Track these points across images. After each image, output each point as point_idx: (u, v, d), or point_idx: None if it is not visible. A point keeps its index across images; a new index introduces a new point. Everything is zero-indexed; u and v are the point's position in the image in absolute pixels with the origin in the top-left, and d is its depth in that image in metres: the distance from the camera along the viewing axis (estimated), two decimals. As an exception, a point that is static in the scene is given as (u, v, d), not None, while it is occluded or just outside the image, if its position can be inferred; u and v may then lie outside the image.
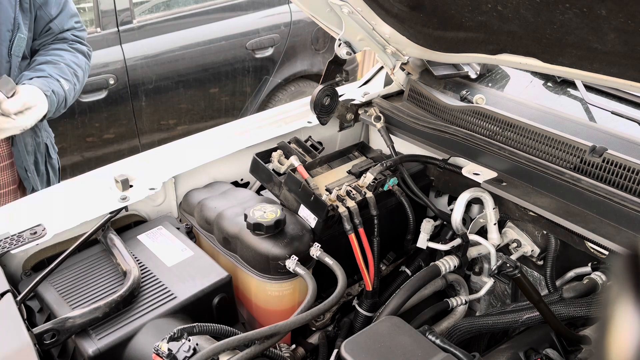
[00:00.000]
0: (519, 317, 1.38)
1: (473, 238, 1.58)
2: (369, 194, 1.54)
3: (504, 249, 1.70)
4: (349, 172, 1.67)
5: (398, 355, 1.10)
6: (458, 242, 1.56)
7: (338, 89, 1.86)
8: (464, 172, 1.60)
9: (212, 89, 3.78)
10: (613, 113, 1.64)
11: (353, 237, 1.48)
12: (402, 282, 1.59)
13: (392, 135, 1.86)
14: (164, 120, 3.68)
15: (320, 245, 1.42)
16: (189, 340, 1.05)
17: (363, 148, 1.80)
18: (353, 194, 1.52)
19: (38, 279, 1.29)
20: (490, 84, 1.90)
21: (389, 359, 1.09)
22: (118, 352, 1.17)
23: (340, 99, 1.88)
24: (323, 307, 1.24)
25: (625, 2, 1.00)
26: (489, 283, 1.61)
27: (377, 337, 1.15)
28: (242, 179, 1.85)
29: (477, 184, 1.57)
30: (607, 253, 1.40)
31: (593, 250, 1.44)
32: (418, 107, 1.90)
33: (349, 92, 2.06)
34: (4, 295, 1.21)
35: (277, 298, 1.45)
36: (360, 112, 1.94)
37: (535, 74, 1.91)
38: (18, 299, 1.22)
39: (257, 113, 2.12)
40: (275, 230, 1.40)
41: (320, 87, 1.78)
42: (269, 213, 1.41)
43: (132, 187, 1.57)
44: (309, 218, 1.50)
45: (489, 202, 1.59)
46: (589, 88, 1.76)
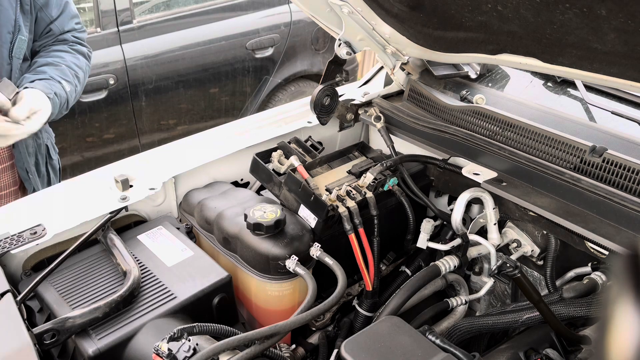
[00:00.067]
0: (519, 317, 1.38)
1: (473, 238, 1.58)
2: (369, 194, 1.54)
3: (504, 249, 1.70)
4: (349, 172, 1.67)
5: (398, 355, 1.10)
6: (458, 242, 1.56)
7: (338, 89, 1.86)
8: (464, 172, 1.60)
9: (212, 89, 3.78)
10: (613, 113, 1.64)
11: (353, 237, 1.48)
12: (402, 282, 1.59)
13: (392, 135, 1.86)
14: (164, 120, 3.68)
15: (320, 245, 1.42)
16: (189, 340, 1.05)
17: (363, 148, 1.80)
18: (353, 194, 1.52)
19: (38, 279, 1.29)
20: (490, 84, 1.90)
21: (389, 359, 1.09)
22: (118, 352, 1.17)
23: (340, 99, 1.88)
24: (323, 307, 1.24)
25: (625, 2, 1.00)
26: (489, 283, 1.61)
27: (377, 337, 1.15)
28: (242, 179, 1.85)
29: (477, 184, 1.57)
30: (607, 253, 1.40)
31: (593, 250, 1.44)
32: (418, 107, 1.89)
33: (349, 92, 2.06)
34: (4, 295, 1.21)
35: (277, 298, 1.45)
36: (360, 112, 1.94)
37: (535, 74, 1.91)
38: (18, 299, 1.22)
39: (257, 113, 2.11)
40: (275, 230, 1.40)
41: (320, 87, 1.78)
42: (269, 213, 1.41)
43: (132, 187, 1.57)
44: (309, 218, 1.50)
45: (489, 202, 1.59)
46: (589, 88, 1.76)
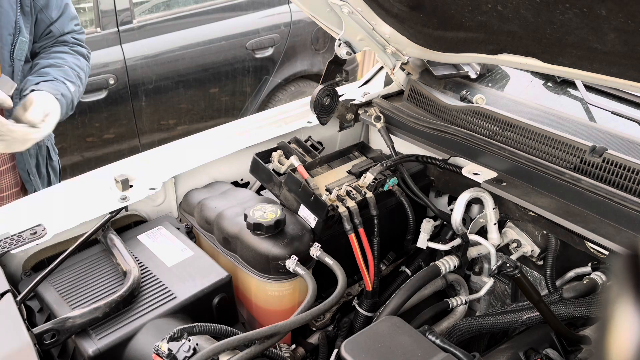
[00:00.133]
0: (519, 317, 1.38)
1: (473, 238, 1.58)
2: (369, 194, 1.54)
3: (504, 249, 1.70)
4: (349, 172, 1.67)
5: (398, 355, 1.10)
6: (458, 242, 1.56)
7: (338, 89, 1.86)
8: (464, 172, 1.60)
9: (212, 89, 3.78)
10: (613, 113, 1.64)
11: (353, 237, 1.48)
12: (402, 282, 1.59)
13: (392, 135, 1.86)
14: (164, 120, 3.68)
15: (320, 245, 1.42)
16: (189, 340, 1.05)
17: (363, 148, 1.80)
18: (353, 194, 1.52)
19: (38, 279, 1.29)
20: (490, 84, 1.90)
21: (389, 359, 1.09)
22: (118, 352, 1.17)
23: (340, 99, 1.88)
24: (323, 307, 1.24)
25: (625, 2, 1.00)
26: (489, 283, 1.61)
27: (377, 337, 1.15)
28: (242, 179, 1.85)
29: (477, 184, 1.57)
30: (607, 253, 1.40)
31: (593, 250, 1.44)
32: (418, 107, 1.89)
33: (349, 92, 2.06)
34: (4, 295, 1.21)
35: (277, 298, 1.45)
36: (360, 112, 1.94)
37: (535, 74, 1.91)
38: (18, 299, 1.22)
39: (257, 113, 2.11)
40: (275, 230, 1.40)
41: (320, 87, 1.78)
42: (269, 213, 1.41)
43: (132, 187, 1.57)
44: (309, 218, 1.50)
45: (489, 202, 1.59)
46: (589, 88, 1.76)
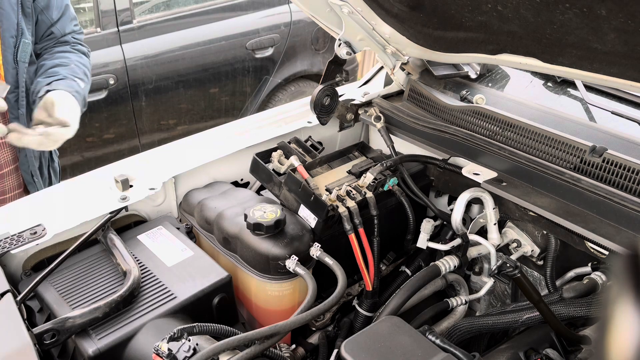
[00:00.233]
0: (519, 317, 1.38)
1: (473, 238, 1.58)
2: (369, 194, 1.54)
3: (504, 249, 1.70)
4: (349, 172, 1.67)
5: (398, 355, 1.10)
6: (458, 242, 1.56)
7: (338, 89, 1.86)
8: (464, 172, 1.60)
9: (212, 89, 3.78)
10: (613, 113, 1.64)
11: (353, 237, 1.48)
12: (402, 282, 1.59)
13: (392, 135, 1.86)
14: (164, 120, 3.68)
15: (320, 245, 1.42)
16: (189, 340, 1.05)
17: (363, 148, 1.80)
18: (353, 194, 1.52)
19: (38, 279, 1.29)
20: (490, 84, 1.90)
21: (389, 359, 1.09)
22: (118, 352, 1.17)
23: (340, 99, 1.88)
24: (323, 307, 1.24)
25: (625, 2, 1.00)
26: (489, 283, 1.61)
27: (377, 337, 1.15)
28: (242, 179, 1.85)
29: (477, 184, 1.57)
30: (607, 253, 1.40)
31: (593, 250, 1.44)
32: (418, 107, 1.89)
33: (349, 92, 2.06)
34: (4, 295, 1.21)
35: (277, 298, 1.45)
36: (360, 112, 1.94)
37: (535, 74, 1.91)
38: (18, 299, 1.22)
39: (257, 113, 2.11)
40: (275, 230, 1.40)
41: (320, 87, 1.78)
42: (269, 213, 1.41)
43: (132, 187, 1.57)
44: (309, 218, 1.50)
45: (489, 202, 1.59)
46: (589, 88, 1.76)
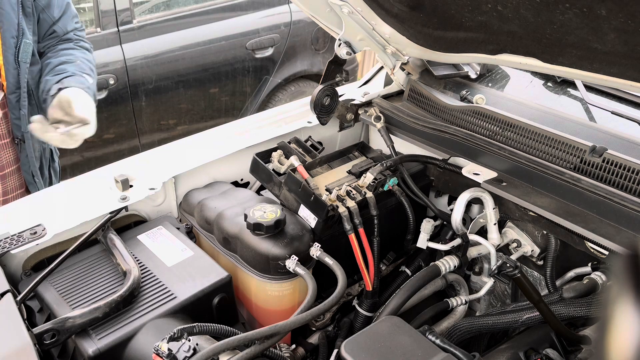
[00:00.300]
0: (519, 317, 1.38)
1: (473, 238, 1.58)
2: (369, 194, 1.54)
3: (504, 249, 1.70)
4: (349, 172, 1.67)
5: (398, 355, 1.10)
6: (458, 242, 1.56)
7: (338, 89, 1.86)
8: (464, 172, 1.60)
9: (212, 89, 3.78)
10: (613, 113, 1.64)
11: (353, 237, 1.48)
12: (402, 282, 1.59)
13: (392, 135, 1.86)
14: (164, 120, 3.68)
15: (320, 245, 1.42)
16: (189, 340, 1.05)
17: (363, 148, 1.80)
18: (353, 194, 1.52)
19: (38, 279, 1.29)
20: (490, 84, 1.90)
21: (389, 359, 1.09)
22: (118, 352, 1.17)
23: (340, 99, 1.88)
24: (323, 307, 1.24)
25: (625, 2, 1.00)
26: (489, 283, 1.61)
27: (377, 337, 1.15)
28: (242, 179, 1.85)
29: (477, 184, 1.57)
30: (607, 253, 1.40)
31: (593, 250, 1.44)
32: (418, 107, 1.89)
33: (349, 92, 2.06)
34: (4, 295, 1.21)
35: (277, 298, 1.45)
36: (360, 112, 1.94)
37: (535, 74, 1.91)
38: (18, 299, 1.22)
39: (257, 113, 2.11)
40: (275, 230, 1.40)
41: (320, 87, 1.78)
42: (269, 213, 1.41)
43: (132, 187, 1.57)
44: (309, 218, 1.50)
45: (489, 202, 1.59)
46: (589, 88, 1.76)
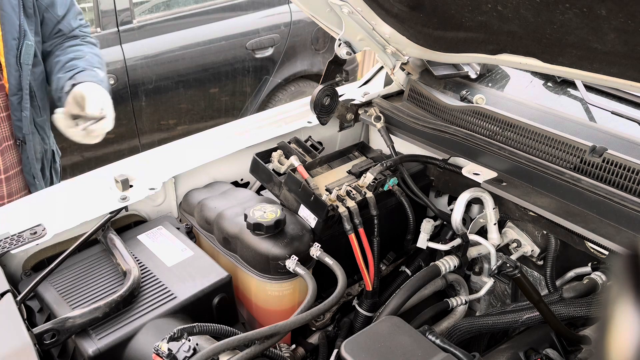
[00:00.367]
0: (519, 317, 1.38)
1: (473, 238, 1.58)
2: (369, 194, 1.54)
3: (504, 249, 1.70)
4: (349, 172, 1.67)
5: (398, 355, 1.10)
6: (458, 242, 1.56)
7: (338, 89, 1.86)
8: (464, 172, 1.60)
9: (212, 89, 3.78)
10: (613, 113, 1.64)
11: (353, 237, 1.48)
12: (402, 282, 1.59)
13: (392, 135, 1.86)
14: (164, 120, 3.68)
15: (320, 245, 1.42)
16: (189, 340, 1.05)
17: (363, 148, 1.80)
18: (353, 194, 1.52)
19: (38, 279, 1.29)
20: (490, 84, 1.90)
21: (389, 359, 1.09)
22: (118, 352, 1.17)
23: (340, 99, 1.88)
24: (323, 307, 1.24)
25: (625, 2, 1.00)
26: (489, 283, 1.61)
27: (377, 337, 1.15)
28: (242, 179, 1.84)
29: (477, 184, 1.57)
30: (607, 253, 1.40)
31: (593, 250, 1.44)
32: (418, 107, 1.89)
33: (349, 92, 2.05)
34: (4, 295, 1.21)
35: (277, 298, 1.45)
36: (360, 112, 1.94)
37: (535, 74, 1.91)
38: (18, 299, 1.22)
39: (257, 113, 2.11)
40: (275, 230, 1.40)
41: (320, 87, 1.78)
42: (269, 213, 1.41)
43: (132, 187, 1.57)
44: (309, 218, 1.50)
45: (489, 202, 1.59)
46: (589, 88, 1.76)
